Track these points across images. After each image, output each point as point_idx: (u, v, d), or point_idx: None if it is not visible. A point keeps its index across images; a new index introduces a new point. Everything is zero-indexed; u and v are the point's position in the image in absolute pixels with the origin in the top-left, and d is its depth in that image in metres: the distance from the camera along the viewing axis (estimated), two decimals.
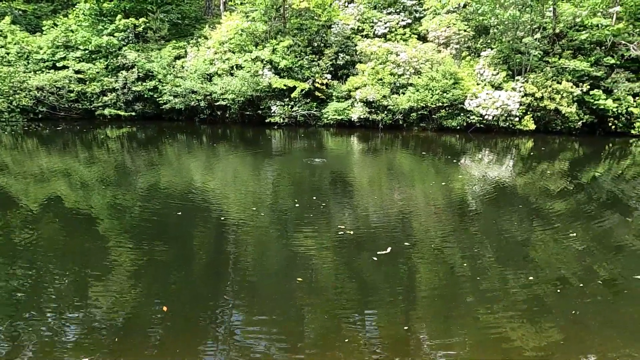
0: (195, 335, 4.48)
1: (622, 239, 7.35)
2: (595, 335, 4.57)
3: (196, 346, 4.30)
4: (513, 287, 5.52)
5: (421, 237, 7.34)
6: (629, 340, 4.49)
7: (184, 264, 6.11)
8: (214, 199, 9.15)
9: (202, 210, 8.43)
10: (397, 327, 4.67)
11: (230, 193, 9.87)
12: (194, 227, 7.65)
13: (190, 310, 4.91)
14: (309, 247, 6.75)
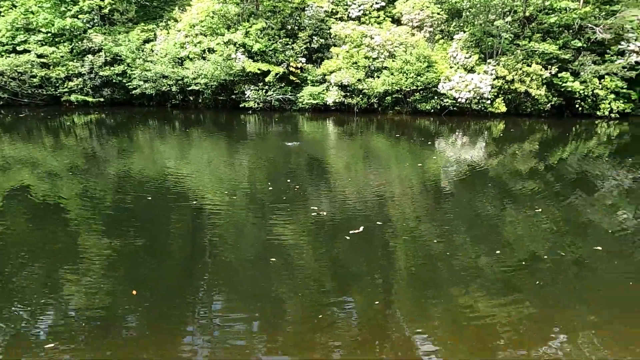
0: (173, 322, 4.45)
1: (585, 215, 7.66)
2: (563, 306, 4.78)
3: (174, 333, 4.28)
4: (485, 264, 5.69)
5: (395, 217, 7.45)
6: (593, 308, 4.72)
7: (159, 250, 6.03)
8: (187, 185, 9.02)
9: (175, 196, 8.30)
10: (373, 306, 4.75)
11: (204, 178, 9.74)
12: (168, 213, 7.53)
13: (166, 297, 4.87)
14: (283, 229, 6.77)
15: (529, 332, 4.25)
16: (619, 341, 4.15)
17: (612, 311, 4.67)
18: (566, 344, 4.09)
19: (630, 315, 4.59)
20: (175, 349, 4.05)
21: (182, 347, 4.08)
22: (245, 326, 4.41)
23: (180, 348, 4.06)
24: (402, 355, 3.94)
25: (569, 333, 4.26)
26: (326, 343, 4.11)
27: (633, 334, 4.28)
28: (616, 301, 4.90)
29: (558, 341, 4.14)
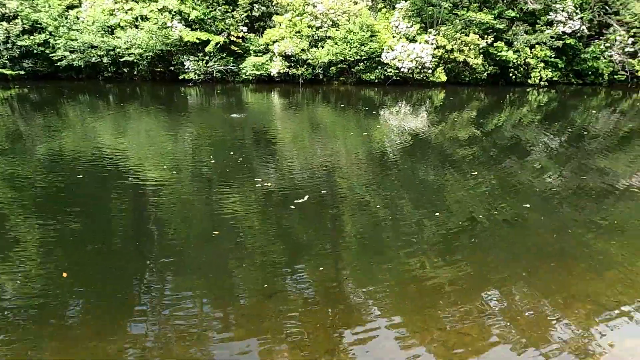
0: (120, 308, 4.31)
1: (517, 178, 8.22)
2: (497, 261, 5.17)
3: (123, 318, 4.14)
4: (428, 228, 5.98)
5: (340, 185, 7.59)
6: (523, 261, 5.15)
7: (100, 232, 5.75)
8: (126, 162, 8.59)
9: (114, 174, 7.89)
10: (321, 272, 4.87)
11: (144, 154, 9.32)
12: (107, 192, 7.16)
13: (110, 279, 4.70)
14: (227, 202, 6.71)
15: (468, 288, 4.57)
16: (546, 289, 4.58)
17: (539, 263, 5.12)
18: (501, 296, 4.46)
19: (555, 265, 5.06)
20: (124, 330, 3.94)
21: (130, 327, 3.98)
22: (195, 302, 4.36)
23: (128, 329, 3.96)
24: (352, 319, 4.10)
25: (503, 285, 4.64)
26: (277, 312, 4.18)
27: (558, 281, 4.73)
28: (543, 254, 5.36)
29: (494, 294, 4.50)
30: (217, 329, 3.95)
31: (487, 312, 4.19)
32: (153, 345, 3.73)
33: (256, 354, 3.64)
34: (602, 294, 4.48)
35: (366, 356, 3.63)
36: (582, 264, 5.08)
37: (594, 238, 5.72)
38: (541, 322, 4.04)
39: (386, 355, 3.64)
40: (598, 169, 8.77)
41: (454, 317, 4.09)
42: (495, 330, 3.92)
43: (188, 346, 3.74)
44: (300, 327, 3.97)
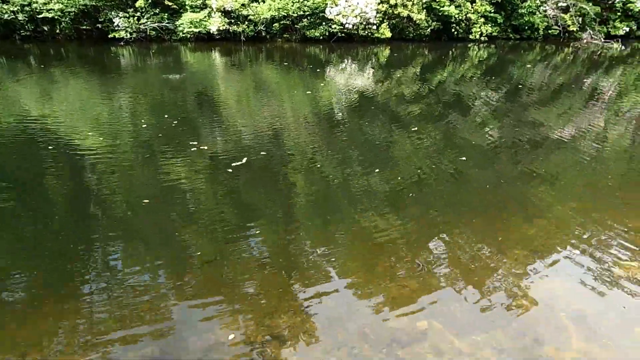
0: (66, 284, 4.09)
1: (459, 133, 8.53)
2: (440, 215, 5.42)
3: (69, 294, 3.94)
4: (375, 185, 6.11)
5: (285, 146, 7.51)
6: (464, 213, 5.43)
7: (35, 207, 5.34)
8: (54, 130, 7.93)
9: (43, 143, 7.27)
10: (273, 235, 4.87)
11: (74, 121, 8.63)
12: (35, 165, 6.61)
13: (55, 257, 4.42)
14: (161, 167, 6.49)
15: (413, 241, 4.79)
16: (484, 238, 4.88)
17: (478, 213, 5.45)
18: (443, 246, 4.73)
19: (493, 214, 5.42)
20: (71, 306, 3.77)
21: (79, 303, 3.81)
22: (145, 272, 4.23)
23: (76, 305, 3.79)
24: (304, 278, 4.17)
25: (446, 236, 4.91)
26: (234, 278, 4.15)
27: (495, 230, 5.05)
28: (481, 204, 5.70)
29: (437, 245, 4.76)
30: (171, 297, 3.88)
31: (431, 262, 4.42)
32: (104, 318, 3.62)
33: (214, 319, 3.64)
34: (534, 239, 4.84)
35: (320, 312, 3.71)
36: (517, 213, 5.44)
37: (527, 187, 6.10)
38: (479, 268, 4.32)
39: (340, 310, 3.74)
40: (533, 121, 9.26)
41: (402, 269, 4.27)
42: (440, 278, 4.15)
43: (141, 316, 3.66)
44: (254, 289, 3.99)
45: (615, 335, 3.40)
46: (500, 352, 3.29)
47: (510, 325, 3.54)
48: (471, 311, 3.71)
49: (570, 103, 11.15)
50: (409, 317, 3.64)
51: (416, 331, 3.49)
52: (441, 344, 3.37)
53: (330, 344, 3.39)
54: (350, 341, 3.40)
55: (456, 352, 3.29)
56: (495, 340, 3.40)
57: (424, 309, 3.72)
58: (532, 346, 3.33)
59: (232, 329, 3.52)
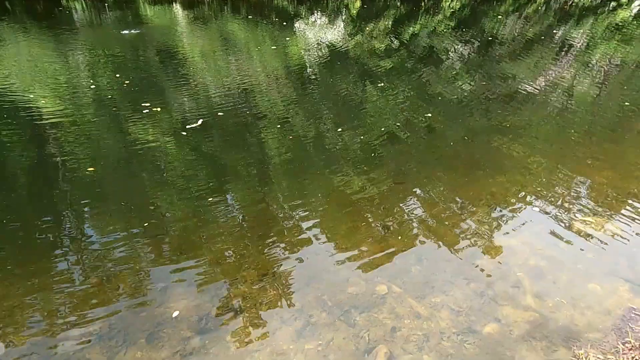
0: (41, 254, 3.93)
1: (432, 87, 8.37)
2: (413, 170, 5.43)
3: (47, 265, 3.80)
4: (349, 143, 6.01)
5: (252, 104, 7.23)
6: (436, 168, 5.44)
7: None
8: (8, 92, 7.37)
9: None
10: (247, 195, 4.81)
11: (23, 82, 8.04)
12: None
13: (25, 229, 4.21)
14: (108, 131, 6.20)
15: (391, 196, 4.80)
16: (454, 191, 4.90)
17: (450, 167, 5.47)
18: (416, 201, 4.76)
19: (464, 168, 5.42)
20: (52, 279, 3.65)
21: (57, 272, 3.72)
22: (119, 238, 4.12)
23: (54, 274, 3.69)
24: (281, 236, 4.16)
25: (419, 191, 4.94)
26: (206, 238, 4.11)
27: (466, 183, 5.08)
28: (454, 158, 5.69)
29: (410, 200, 4.78)
30: (150, 261, 3.85)
31: (395, 222, 4.38)
32: (84, 284, 3.57)
33: (192, 281, 3.61)
34: (499, 195, 4.85)
35: (279, 280, 3.64)
36: (485, 168, 5.43)
37: (496, 142, 6.07)
38: (443, 227, 4.31)
39: (301, 277, 3.68)
40: (503, 75, 9.14)
41: (376, 225, 4.29)
42: (403, 240, 4.11)
43: (122, 279, 3.62)
44: (232, 249, 3.96)
45: (569, 293, 3.45)
46: (457, 313, 3.30)
47: (468, 285, 3.55)
48: (431, 272, 3.69)
49: (541, 55, 11.04)
50: (368, 282, 3.60)
51: (375, 296, 3.46)
52: (399, 307, 3.35)
53: (287, 312, 3.33)
54: (308, 309, 3.35)
55: (414, 316, 3.28)
56: (454, 301, 3.40)
57: (384, 273, 3.68)
58: (488, 306, 3.35)
59: (185, 299, 3.42)
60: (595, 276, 3.62)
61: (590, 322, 3.16)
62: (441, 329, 3.17)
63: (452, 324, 3.21)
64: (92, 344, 3.10)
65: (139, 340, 3.13)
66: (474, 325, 3.19)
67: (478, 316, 3.26)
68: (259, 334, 3.16)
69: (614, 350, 2.81)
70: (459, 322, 3.22)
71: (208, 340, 3.13)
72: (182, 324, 3.25)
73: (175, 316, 3.30)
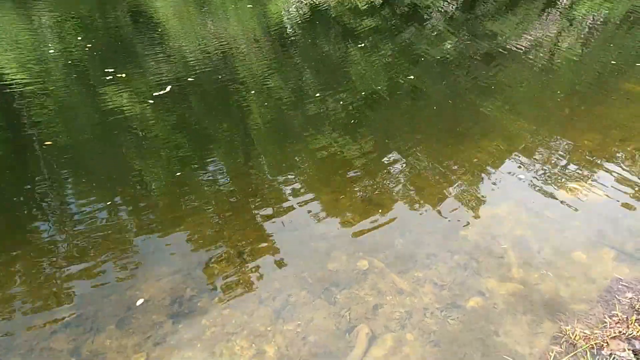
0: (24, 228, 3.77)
1: (416, 47, 7.99)
2: (398, 132, 5.26)
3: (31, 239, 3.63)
4: (332, 106, 5.75)
5: (229, 67, 6.85)
6: (421, 130, 5.30)
7: None
8: None
9: None
10: (231, 162, 4.66)
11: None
12: None
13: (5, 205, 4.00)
14: (74, 99, 5.87)
15: (373, 164, 4.61)
16: (438, 153, 4.73)
17: (434, 129, 5.34)
18: (400, 164, 4.62)
19: (448, 130, 5.24)
20: (33, 252, 3.49)
21: (40, 243, 3.56)
22: (101, 207, 3.95)
23: (37, 246, 3.54)
24: (267, 202, 4.02)
25: (403, 154, 4.77)
26: (191, 206, 3.97)
27: (449, 145, 4.93)
28: (438, 120, 5.50)
29: (395, 163, 4.63)
30: (135, 229, 3.72)
31: (387, 185, 4.27)
32: (69, 254, 3.44)
33: (179, 247, 3.53)
34: (482, 160, 4.66)
35: (257, 257, 3.45)
36: (468, 131, 5.25)
37: (480, 104, 5.85)
38: (434, 190, 4.19)
39: (280, 253, 3.49)
40: (488, 33, 8.77)
41: (357, 196, 4.12)
42: (384, 210, 3.93)
43: (108, 248, 3.51)
44: (217, 215, 3.85)
45: (554, 264, 3.33)
46: (441, 288, 3.16)
47: (452, 258, 3.40)
48: (415, 246, 3.53)
49: (526, 12, 10.62)
50: (349, 256, 3.42)
51: (356, 272, 3.29)
52: (381, 283, 3.19)
53: (265, 292, 3.15)
54: (287, 288, 3.17)
55: (397, 292, 3.13)
56: (437, 275, 3.26)
57: (365, 247, 3.50)
58: (472, 279, 3.22)
59: (158, 281, 3.21)
60: (581, 244, 3.50)
61: (576, 293, 3.05)
62: (424, 304, 3.03)
63: (436, 299, 3.07)
64: (57, 332, 2.89)
65: (108, 326, 2.93)
66: (458, 300, 3.05)
67: (462, 290, 3.13)
68: (236, 315, 2.99)
69: (601, 325, 2.71)
70: (442, 296, 3.09)
71: (182, 324, 2.95)
72: (154, 307, 3.05)
73: (147, 299, 3.10)
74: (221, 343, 2.82)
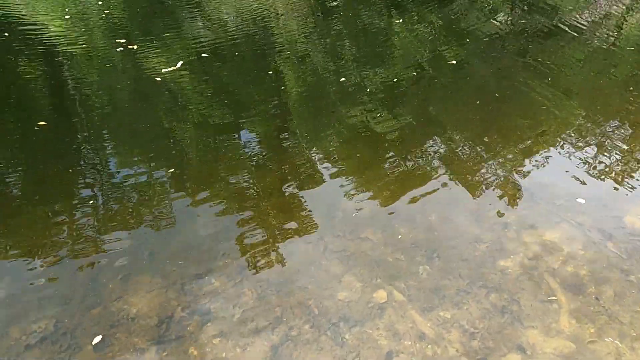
0: (66, 186, 3.66)
1: (465, 21, 7.00)
2: (438, 109, 4.77)
3: (71, 195, 3.55)
4: (372, 79, 5.24)
5: (267, 35, 6.41)
6: (463, 108, 4.74)
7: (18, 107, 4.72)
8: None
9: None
10: (266, 133, 4.43)
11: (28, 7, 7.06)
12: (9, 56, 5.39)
13: (47, 162, 3.90)
14: (113, 63, 5.60)
15: (413, 136, 4.27)
16: (480, 131, 4.27)
17: (477, 107, 4.70)
18: (440, 141, 4.21)
19: (492, 109, 4.68)
20: (74, 207, 3.43)
21: (80, 203, 3.47)
22: (139, 171, 3.85)
23: (77, 205, 3.46)
24: (300, 175, 3.78)
25: (442, 131, 4.34)
26: (225, 174, 3.82)
27: (492, 124, 4.44)
28: (482, 98, 4.87)
29: (434, 140, 4.23)
30: (170, 194, 3.58)
31: (427, 157, 3.99)
32: (107, 213, 3.38)
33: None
34: (533, 135, 4.19)
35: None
36: (518, 107, 4.65)
37: (531, 79, 5.08)
38: (479, 162, 3.88)
39: (287, 272, 2.93)
40: (546, 7, 7.52)
41: (397, 165, 3.86)
42: (436, 172, 3.74)
43: (143, 213, 3.39)
44: (250, 185, 3.67)
45: (616, 315, 2.60)
46: (471, 336, 2.52)
47: (488, 296, 2.72)
48: (443, 275, 2.86)
49: None
50: (365, 285, 2.81)
51: (372, 305, 2.69)
52: (400, 322, 2.59)
53: (264, 320, 2.62)
54: (289, 317, 2.63)
55: (417, 336, 2.52)
56: (468, 317, 2.61)
57: (385, 272, 2.88)
58: (511, 327, 2.55)
59: (147, 294, 2.74)
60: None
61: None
62: (449, 357, 2.42)
63: (464, 350, 2.45)
64: (30, 346, 2.50)
65: (86, 346, 2.51)
66: (491, 356, 2.42)
67: (497, 342, 2.49)
68: (228, 348, 2.49)
69: None
70: (471, 348, 2.46)
71: (166, 352, 2.48)
72: (139, 328, 2.60)
73: (132, 317, 2.64)
74: None
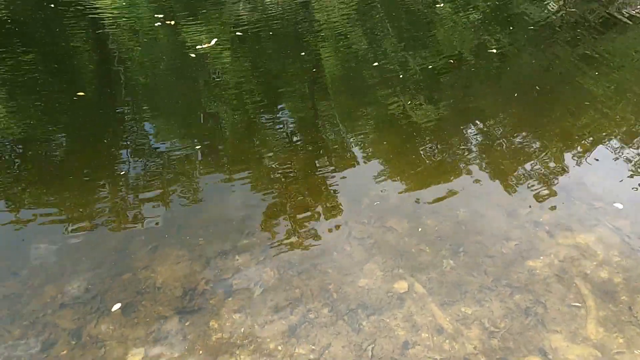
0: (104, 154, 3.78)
1: (512, 7, 6.55)
2: (479, 100, 4.52)
3: (108, 163, 3.66)
4: (412, 65, 5.07)
5: (308, 17, 6.31)
6: (505, 100, 4.53)
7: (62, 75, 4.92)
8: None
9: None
10: (305, 111, 4.45)
11: None
12: (58, 27, 5.59)
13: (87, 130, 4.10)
14: (156, 37, 5.77)
15: (448, 126, 4.10)
16: (523, 125, 4.08)
17: (520, 100, 4.43)
18: (478, 133, 4.04)
19: (536, 102, 4.38)
20: (112, 174, 3.56)
21: (117, 170, 3.59)
22: (176, 145, 3.94)
23: (115, 171, 3.58)
24: (335, 158, 3.73)
25: (482, 123, 4.14)
26: (258, 153, 3.81)
27: (535, 118, 4.17)
28: (526, 90, 4.55)
29: (472, 131, 4.06)
30: (204, 170, 3.63)
31: (460, 148, 3.80)
32: (141, 184, 3.48)
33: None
34: (576, 132, 3.92)
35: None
36: (563, 101, 4.36)
37: (582, 73, 4.73)
38: (515, 156, 3.68)
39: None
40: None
41: (431, 154, 3.75)
42: (469, 164, 3.59)
43: (175, 187, 3.43)
44: (280, 165, 3.64)
45: None
46: (491, 335, 2.42)
47: (512, 296, 2.60)
48: (467, 269, 2.75)
49: None
50: (386, 272, 2.74)
51: (391, 294, 2.63)
52: (419, 314, 2.52)
53: (283, 300, 2.61)
54: (308, 300, 2.61)
55: (435, 329, 2.45)
56: (489, 316, 2.50)
57: (407, 263, 2.80)
58: (534, 330, 2.43)
59: (173, 265, 2.78)
60: None
61: None
62: (466, 354, 2.34)
63: (483, 348, 2.36)
64: (64, 305, 2.60)
65: (114, 309, 2.59)
66: (510, 356, 2.32)
67: (517, 343, 2.38)
68: (247, 325, 2.50)
69: None
70: (490, 347, 2.37)
71: (188, 322, 2.53)
72: (164, 297, 2.65)
73: (158, 286, 2.70)
74: (224, 354, 2.38)
